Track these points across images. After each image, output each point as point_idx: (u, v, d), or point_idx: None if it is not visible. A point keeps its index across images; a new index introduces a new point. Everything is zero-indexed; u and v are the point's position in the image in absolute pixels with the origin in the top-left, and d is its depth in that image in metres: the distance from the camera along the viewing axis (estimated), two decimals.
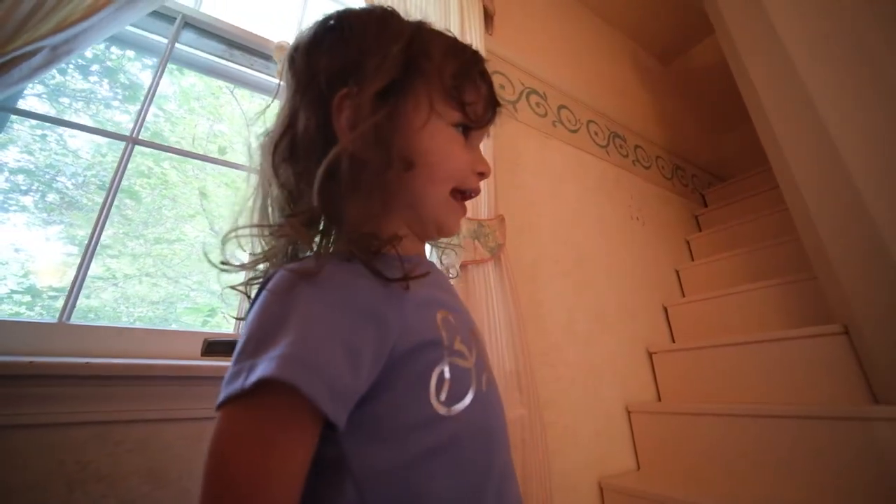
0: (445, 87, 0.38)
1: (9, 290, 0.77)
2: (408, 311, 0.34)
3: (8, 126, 0.80)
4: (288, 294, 0.30)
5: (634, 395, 1.29)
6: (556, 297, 1.24)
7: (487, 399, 0.37)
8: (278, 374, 0.25)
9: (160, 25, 0.91)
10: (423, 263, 0.41)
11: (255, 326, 0.30)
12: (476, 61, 0.40)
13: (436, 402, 0.32)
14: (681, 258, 1.75)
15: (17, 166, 0.81)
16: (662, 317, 1.53)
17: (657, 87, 2.19)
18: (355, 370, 0.29)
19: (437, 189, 0.39)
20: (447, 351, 0.34)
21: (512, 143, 1.33)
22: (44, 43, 0.61)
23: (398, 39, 0.37)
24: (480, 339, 0.42)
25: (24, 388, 0.56)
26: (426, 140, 0.37)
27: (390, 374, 0.31)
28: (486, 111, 0.41)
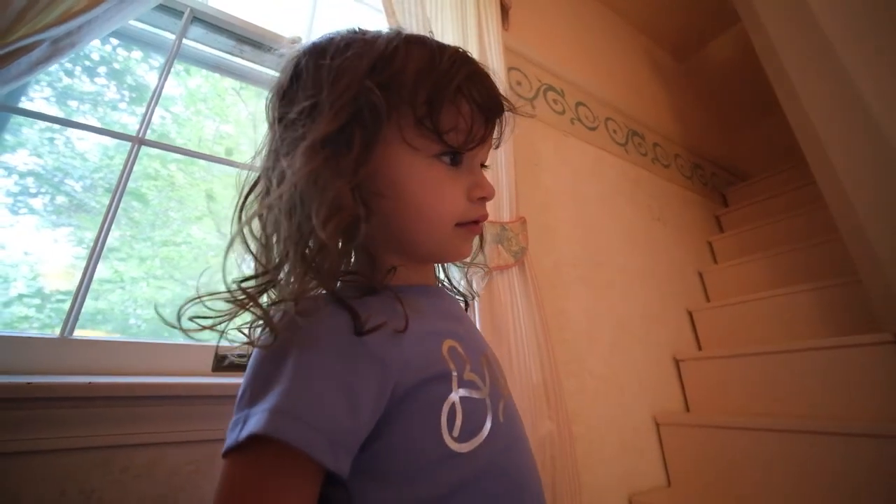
0: (417, 118, 0.33)
1: (18, 293, 0.75)
2: (407, 346, 0.31)
3: (17, 129, 0.78)
4: (283, 346, 0.29)
5: (662, 406, 1.23)
6: (578, 303, 1.18)
7: (508, 431, 0.35)
8: (267, 429, 0.25)
9: (168, 21, 0.86)
10: (427, 294, 0.39)
11: (252, 377, 0.29)
12: (451, 76, 0.33)
13: (449, 438, 0.30)
14: (703, 260, 1.69)
15: (26, 169, 0.80)
16: (687, 322, 1.47)
17: (672, 83, 2.13)
18: (354, 413, 0.27)
19: (432, 228, 0.35)
20: (456, 382, 0.32)
21: (530, 141, 1.28)
22: (45, 35, 0.57)
23: (352, 82, 0.32)
24: (495, 365, 0.39)
25: (23, 410, 0.51)
26: (404, 182, 0.34)
27: (396, 413, 0.29)
28: (475, 129, 0.35)
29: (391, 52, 0.34)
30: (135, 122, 0.79)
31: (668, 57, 2.22)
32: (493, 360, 0.40)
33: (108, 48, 0.93)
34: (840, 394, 0.98)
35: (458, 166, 0.36)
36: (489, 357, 0.39)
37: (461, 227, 0.37)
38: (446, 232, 0.36)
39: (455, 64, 0.34)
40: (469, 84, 0.34)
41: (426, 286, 0.41)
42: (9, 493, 0.49)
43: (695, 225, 1.75)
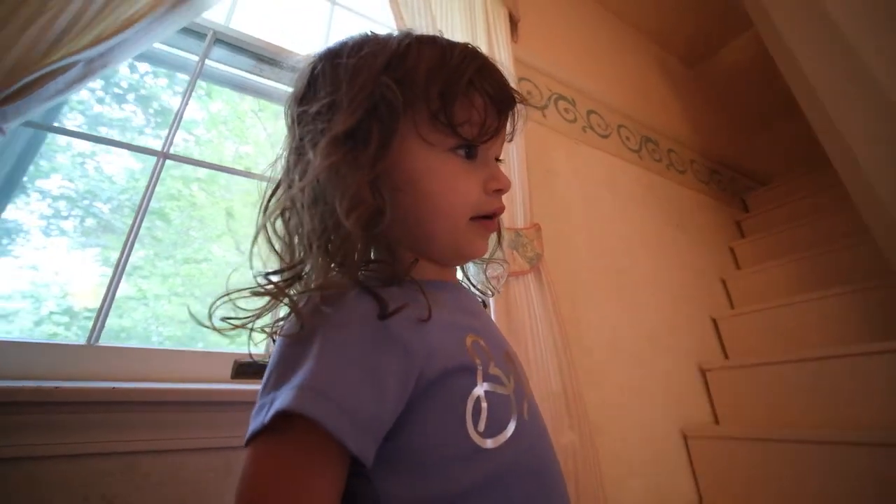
0: (431, 112, 0.33)
1: (48, 311, 0.77)
2: (431, 335, 0.31)
3: (52, 155, 0.83)
4: (309, 332, 0.29)
5: (690, 418, 1.18)
6: (597, 311, 1.16)
7: (533, 430, 0.34)
8: (295, 405, 0.24)
9: (192, 43, 0.91)
10: (447, 289, 0.39)
11: (278, 359, 0.29)
12: (462, 70, 0.34)
13: (474, 433, 0.30)
14: (726, 266, 1.64)
15: (59, 193, 0.84)
16: (712, 330, 1.42)
17: (685, 90, 2.12)
18: (379, 398, 0.27)
19: (448, 222, 0.36)
20: (482, 376, 0.32)
21: (543, 149, 1.28)
22: (79, 57, 0.61)
23: (368, 80, 0.33)
24: (518, 364, 0.39)
25: (49, 415, 0.52)
26: (421, 176, 0.34)
27: (421, 404, 0.29)
28: (488, 121, 0.35)
29: (404, 50, 0.35)
30: (159, 144, 0.83)
31: (680, 64, 2.21)
32: (515, 358, 0.40)
33: (136, 76, 0.99)
34: (879, 401, 0.93)
35: (474, 160, 0.37)
36: (511, 354, 0.39)
37: (476, 222, 0.37)
38: (461, 225, 0.36)
39: (466, 59, 0.35)
40: (480, 77, 0.35)
41: (445, 281, 0.40)
42: (34, 498, 0.50)
43: (715, 231, 1.71)
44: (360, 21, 1.25)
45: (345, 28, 1.21)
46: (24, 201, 0.80)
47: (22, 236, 0.78)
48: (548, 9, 1.64)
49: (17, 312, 0.73)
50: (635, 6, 1.92)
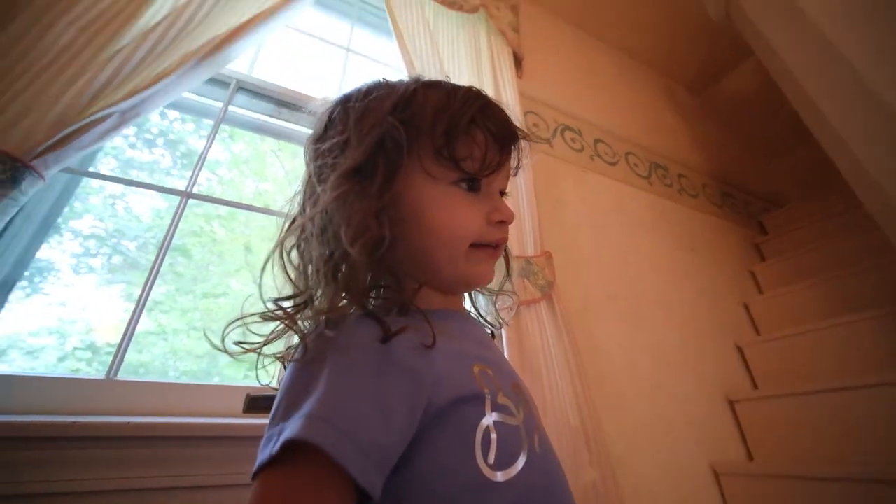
0: (436, 148, 0.36)
1: (73, 347, 0.79)
2: (438, 362, 0.32)
3: (85, 197, 0.88)
4: (315, 357, 0.30)
5: (720, 453, 1.11)
6: (613, 338, 1.13)
7: (545, 464, 0.34)
8: (304, 434, 0.24)
9: (216, 91, 0.98)
10: (454, 318, 0.40)
11: (285, 390, 0.29)
12: (464, 110, 0.36)
13: (484, 465, 0.29)
14: (747, 291, 1.59)
15: (89, 232, 0.88)
16: (737, 358, 1.36)
17: (692, 116, 2.14)
18: (388, 428, 0.27)
19: (449, 250, 0.37)
20: (490, 405, 0.32)
21: (551, 178, 1.30)
22: (115, 109, 0.66)
23: (377, 120, 0.36)
24: (526, 394, 0.38)
25: (66, 451, 0.53)
26: (425, 207, 0.36)
27: (429, 433, 0.29)
28: (489, 156, 0.37)
29: (411, 94, 0.37)
30: (184, 184, 0.88)
31: (685, 91, 2.25)
32: (525, 390, 0.39)
33: (165, 122, 1.07)
34: None
35: (477, 192, 0.38)
36: (520, 385, 0.38)
37: (478, 249, 0.38)
38: (462, 251, 0.37)
39: (468, 99, 0.37)
40: (482, 116, 0.37)
41: (452, 311, 0.41)
42: None
43: (733, 254, 1.67)
44: (373, 66, 1.33)
45: (359, 72, 1.29)
46: (57, 241, 0.84)
47: (53, 274, 0.82)
48: (551, 46, 1.71)
49: (43, 349, 0.75)
50: (636, 39, 1.98)
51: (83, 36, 0.69)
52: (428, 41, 1.16)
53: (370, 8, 1.38)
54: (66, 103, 0.63)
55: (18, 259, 0.72)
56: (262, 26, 0.92)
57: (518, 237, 0.98)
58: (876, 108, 0.94)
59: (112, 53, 0.70)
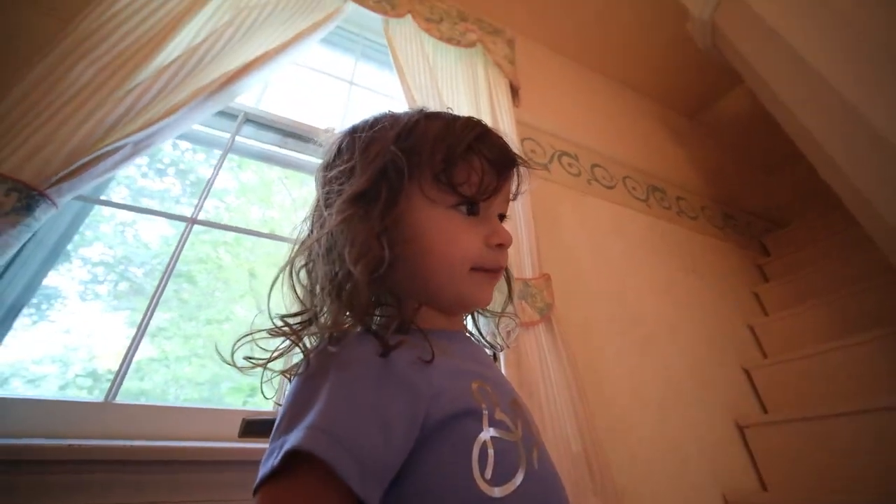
0: (435, 173, 0.38)
1: (74, 374, 0.79)
2: (436, 378, 0.32)
3: (96, 225, 0.90)
4: (317, 372, 0.31)
5: (732, 482, 1.07)
6: (616, 361, 1.11)
7: (544, 480, 0.34)
8: (305, 444, 0.25)
9: (225, 123, 1.03)
10: (455, 339, 0.41)
11: (288, 405, 0.30)
12: (462, 137, 0.38)
13: (481, 480, 0.29)
14: (752, 313, 1.57)
15: (98, 259, 0.90)
16: (745, 381, 1.33)
17: (689, 140, 2.18)
18: (387, 441, 0.27)
19: (449, 272, 0.38)
20: (487, 421, 0.32)
21: (549, 202, 1.33)
22: (129, 140, 0.70)
23: (381, 149, 0.38)
24: (525, 411, 0.39)
25: (63, 474, 0.53)
26: (424, 230, 0.38)
27: (427, 447, 0.29)
28: (486, 181, 0.39)
29: (413, 124, 0.40)
30: (190, 208, 0.91)
31: (681, 117, 2.30)
32: (524, 407, 0.39)
33: (177, 153, 1.11)
34: None
35: (476, 216, 0.40)
36: (519, 402, 0.39)
37: (478, 272, 0.40)
38: (462, 274, 0.38)
39: (467, 128, 0.40)
40: (479, 143, 0.39)
41: (453, 331, 0.42)
42: None
43: (736, 276, 1.66)
44: (376, 97, 1.39)
45: (362, 103, 1.35)
46: (66, 268, 0.86)
47: (60, 301, 0.83)
48: (547, 77, 1.78)
49: (45, 377, 0.75)
50: (629, 70, 2.06)
51: (102, 74, 0.74)
52: (427, 74, 1.22)
53: (373, 44, 1.45)
54: (83, 136, 0.67)
55: (27, 284, 0.74)
56: (269, 64, 0.98)
57: (516, 259, 0.99)
58: (866, 132, 0.96)
59: (128, 90, 0.75)
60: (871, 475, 0.91)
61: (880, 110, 0.93)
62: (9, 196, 0.58)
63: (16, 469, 0.52)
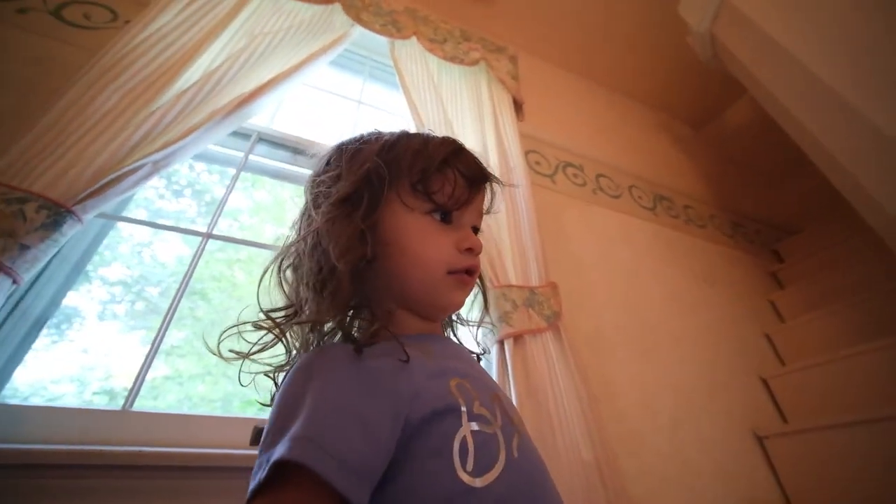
0: (412, 183, 0.42)
1: (91, 393, 0.81)
2: (416, 379, 0.34)
3: (115, 246, 0.94)
4: (299, 382, 0.32)
5: (752, 496, 1.03)
6: (626, 371, 1.10)
7: (525, 467, 0.35)
8: (289, 454, 0.26)
9: (238, 143, 1.07)
10: (434, 340, 0.43)
11: (273, 418, 0.31)
12: (438, 152, 0.43)
13: (462, 473, 0.30)
14: (768, 320, 1.54)
15: (116, 279, 0.93)
16: (763, 391, 1.29)
17: (695, 150, 2.18)
18: (370, 442, 0.29)
19: (423, 273, 0.41)
20: (467, 416, 0.33)
21: (554, 212, 1.34)
22: (149, 160, 0.74)
23: (365, 160, 0.42)
24: (506, 404, 0.40)
25: (80, 479, 0.55)
26: (401, 233, 0.41)
27: (410, 447, 0.31)
28: (457, 191, 0.43)
29: (394, 140, 0.45)
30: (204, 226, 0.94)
31: (686, 127, 2.31)
32: (506, 400, 0.41)
33: (193, 174, 1.16)
34: None
35: (449, 224, 0.44)
36: (500, 396, 0.40)
37: (453, 276, 0.43)
38: (437, 277, 0.42)
39: (443, 144, 0.45)
40: (454, 158, 0.44)
41: (433, 334, 0.45)
42: None
43: (749, 284, 1.64)
44: (383, 115, 1.44)
45: (370, 121, 1.40)
46: (86, 288, 0.89)
47: (78, 321, 0.85)
48: (550, 91, 1.82)
49: (63, 396, 0.77)
50: (632, 83, 2.09)
51: (125, 100, 0.79)
52: (432, 92, 1.26)
53: (380, 65, 1.51)
54: (107, 156, 0.71)
55: (51, 300, 0.78)
56: (281, 85, 1.03)
57: (522, 267, 1.00)
58: (864, 129, 0.95)
59: (149, 113, 0.80)
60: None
61: (878, 108, 0.93)
62: (39, 213, 0.62)
63: (34, 474, 0.53)
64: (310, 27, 1.19)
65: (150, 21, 0.93)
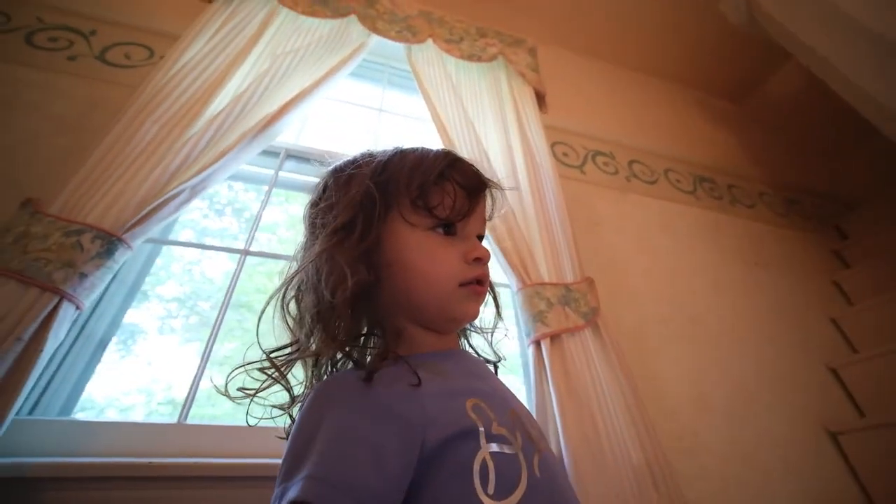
0: (412, 200, 0.41)
1: (156, 403, 0.87)
2: (428, 404, 0.33)
3: (168, 266, 1.01)
4: (311, 417, 0.32)
5: (829, 496, 0.95)
6: (674, 366, 1.04)
7: (548, 487, 0.34)
8: (301, 496, 0.26)
9: (268, 160, 1.11)
10: (450, 357, 0.42)
11: (287, 452, 0.31)
12: (435, 166, 0.42)
13: (484, 496, 0.30)
14: (833, 304, 1.40)
15: (171, 296, 0.99)
16: (833, 382, 1.18)
17: (736, 126, 2.04)
18: (383, 474, 0.28)
19: (434, 288, 0.41)
20: (485, 438, 0.33)
21: (586, 204, 1.29)
22: (186, 185, 0.79)
23: (358, 185, 0.42)
24: (525, 419, 0.39)
25: (142, 490, 0.58)
26: (404, 251, 0.41)
27: (428, 473, 0.30)
28: (457, 203, 0.42)
29: (387, 160, 0.44)
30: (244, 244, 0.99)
31: (726, 103, 2.16)
32: (524, 415, 0.40)
33: (232, 193, 1.22)
34: None
35: (454, 236, 0.43)
36: (518, 411, 0.39)
37: (465, 287, 0.42)
38: (447, 290, 0.41)
39: (438, 157, 0.44)
40: (451, 170, 0.43)
41: (448, 350, 0.44)
42: None
43: (809, 265, 1.50)
44: (404, 120, 1.45)
45: (392, 127, 1.41)
46: (146, 306, 0.95)
47: (141, 336, 0.92)
48: (573, 80, 1.76)
49: (133, 406, 0.83)
50: (659, 61, 1.98)
51: (163, 131, 0.84)
52: (451, 93, 1.25)
53: (398, 72, 1.52)
54: (150, 185, 0.76)
55: (112, 320, 0.84)
56: (304, 101, 1.06)
57: (555, 264, 0.97)
58: None
59: (185, 140, 0.84)
60: None
61: None
62: (94, 243, 0.67)
63: (97, 486, 0.58)
64: (328, 42, 1.22)
65: (180, 54, 0.98)
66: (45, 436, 0.62)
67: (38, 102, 0.93)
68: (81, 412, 0.73)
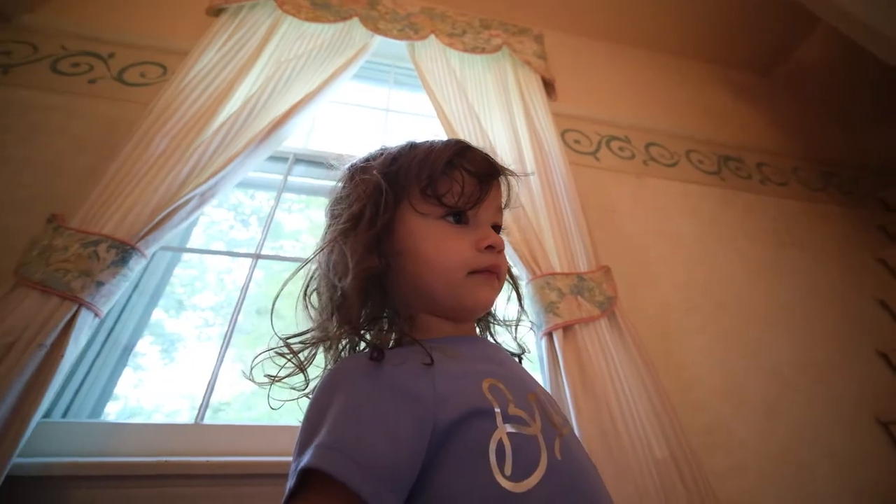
0: (421, 189, 0.42)
1: (197, 406, 0.90)
2: (440, 384, 0.33)
3: (203, 276, 1.05)
4: (323, 394, 0.33)
5: (886, 492, 0.87)
6: (701, 355, 0.99)
7: (570, 471, 0.33)
8: (313, 463, 0.26)
9: (278, 166, 1.13)
10: (466, 342, 0.42)
11: (302, 429, 0.32)
12: (443, 155, 0.43)
13: (501, 477, 0.29)
14: (880, 283, 1.29)
15: (207, 305, 1.04)
16: (883, 367, 1.09)
17: (764, 99, 1.92)
18: (394, 447, 0.28)
19: (443, 277, 0.41)
20: (501, 418, 0.32)
21: (600, 191, 1.25)
22: (196, 192, 0.81)
23: (369, 177, 0.43)
24: (547, 403, 0.38)
25: (159, 487, 0.60)
26: (413, 239, 0.41)
27: (443, 453, 0.30)
28: (467, 190, 0.42)
29: (398, 152, 0.46)
30: (273, 252, 1.00)
31: (752, 75, 2.04)
32: (546, 399, 0.39)
33: (256, 203, 1.24)
34: None
35: (465, 225, 0.43)
36: (539, 395, 0.38)
37: (475, 275, 0.42)
38: (457, 279, 0.41)
39: (447, 146, 0.44)
40: (460, 158, 0.43)
41: (466, 336, 0.44)
42: None
43: (850, 242, 1.39)
44: (410, 118, 1.44)
45: (399, 126, 1.41)
46: (185, 315, 0.99)
47: (182, 344, 0.96)
48: (582, 64, 1.70)
49: (179, 411, 0.87)
50: (674, 38, 1.89)
51: (173, 142, 0.87)
52: (455, 87, 1.24)
53: (403, 70, 1.52)
54: (161, 195, 0.79)
55: (135, 327, 0.88)
56: (309, 105, 1.07)
57: (566, 253, 0.94)
58: None
59: (193, 149, 0.87)
60: None
61: None
62: (109, 251, 0.70)
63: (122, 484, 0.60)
64: (331, 46, 1.23)
65: (189, 69, 1.02)
66: (72, 437, 0.66)
67: (62, 125, 0.99)
68: (133, 417, 0.78)
